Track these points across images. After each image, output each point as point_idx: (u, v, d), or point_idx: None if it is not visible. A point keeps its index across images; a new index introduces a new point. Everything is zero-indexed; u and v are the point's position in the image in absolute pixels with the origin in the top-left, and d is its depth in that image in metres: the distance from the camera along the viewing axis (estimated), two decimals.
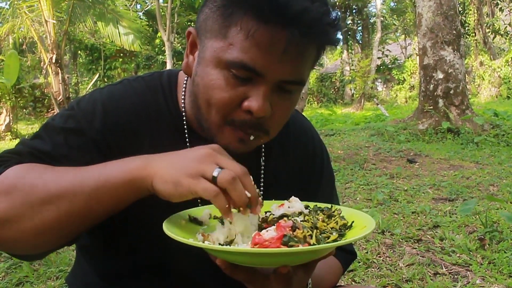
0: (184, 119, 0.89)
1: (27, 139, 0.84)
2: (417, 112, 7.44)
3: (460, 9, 16.64)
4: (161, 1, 16.31)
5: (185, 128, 0.89)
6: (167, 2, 14.49)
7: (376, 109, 14.34)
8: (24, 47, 14.87)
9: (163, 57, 20.52)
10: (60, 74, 10.33)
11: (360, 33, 26.32)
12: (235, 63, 0.74)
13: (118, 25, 11.75)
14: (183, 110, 0.89)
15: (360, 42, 26.16)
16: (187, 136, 0.89)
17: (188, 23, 19.15)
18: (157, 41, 21.77)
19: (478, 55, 17.91)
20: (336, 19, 0.75)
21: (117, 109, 0.85)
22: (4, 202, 0.71)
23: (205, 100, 0.79)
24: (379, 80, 21.84)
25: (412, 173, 4.70)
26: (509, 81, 16.97)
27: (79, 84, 23.15)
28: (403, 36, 26.93)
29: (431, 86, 7.11)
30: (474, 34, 17.98)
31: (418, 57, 8.11)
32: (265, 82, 0.75)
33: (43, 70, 12.56)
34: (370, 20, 26.12)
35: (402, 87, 20.90)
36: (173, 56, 15.20)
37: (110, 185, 0.71)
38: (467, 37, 17.94)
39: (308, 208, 0.80)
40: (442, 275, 2.28)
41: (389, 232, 2.89)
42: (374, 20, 24.91)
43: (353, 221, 0.75)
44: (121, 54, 17.18)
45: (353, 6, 24.34)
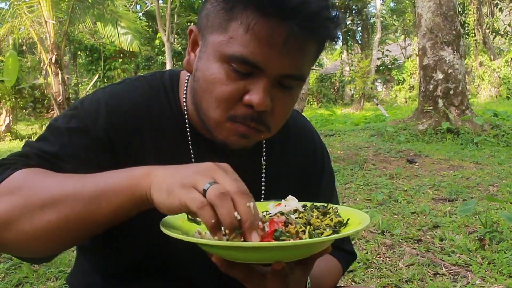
0: (186, 118, 0.89)
1: (33, 141, 0.84)
2: (416, 113, 7.44)
3: (460, 9, 16.66)
4: (160, 1, 16.32)
5: (187, 127, 0.89)
6: (166, 3, 14.49)
7: (376, 109, 14.35)
8: (24, 47, 14.85)
9: (162, 57, 20.53)
10: (60, 75, 10.34)
11: (360, 34, 26.34)
12: (235, 57, 0.74)
13: (117, 26, 11.76)
14: (185, 109, 0.89)
15: (359, 42, 26.17)
16: (189, 135, 0.89)
17: (188, 23, 19.14)
18: (157, 41, 21.79)
19: (478, 55, 17.92)
20: (336, 15, 0.76)
21: (120, 108, 0.85)
22: (7, 203, 0.71)
23: (206, 94, 0.79)
24: (379, 81, 21.86)
25: (412, 173, 4.70)
26: (509, 81, 16.99)
27: (79, 85, 23.16)
28: (403, 36, 26.93)
29: (431, 86, 7.12)
30: (473, 34, 17.99)
31: (417, 57, 8.11)
32: (265, 76, 0.76)
33: (43, 71, 12.56)
34: (370, 21, 26.14)
35: (402, 88, 20.90)
36: (172, 57, 15.19)
37: (109, 191, 0.70)
38: (467, 37, 17.95)
39: (306, 206, 0.80)
40: (442, 276, 2.28)
41: (389, 232, 2.89)
42: (373, 21, 24.93)
43: (348, 219, 0.74)
44: (121, 55, 17.18)
45: (353, 7, 24.34)
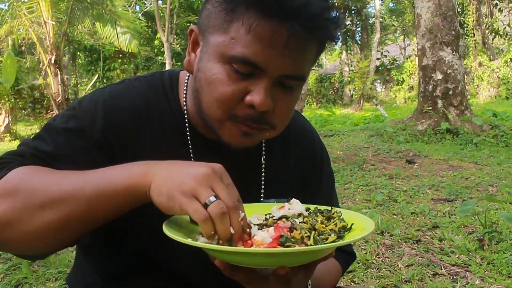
0: (186, 117, 0.89)
1: (29, 139, 0.84)
2: (416, 113, 7.44)
3: (459, 9, 16.67)
4: (160, 2, 16.33)
5: (187, 126, 0.89)
6: (166, 3, 14.49)
7: (375, 109, 14.35)
8: (23, 48, 14.86)
9: (162, 58, 20.53)
10: (59, 75, 10.34)
11: (359, 34, 26.33)
12: (237, 57, 0.75)
13: (116, 26, 11.76)
14: (185, 109, 0.89)
15: (359, 43, 26.17)
16: (188, 135, 0.89)
17: (187, 24, 19.13)
18: (156, 42, 21.78)
19: (477, 55, 17.93)
20: (336, 16, 0.77)
21: (119, 108, 0.85)
22: (6, 204, 0.71)
23: (207, 95, 0.79)
24: (378, 81, 21.87)
25: (411, 173, 4.70)
26: (508, 81, 17.00)
27: (78, 85, 23.14)
28: (402, 37, 26.95)
29: (430, 86, 7.12)
30: (473, 34, 17.99)
31: (417, 57, 8.12)
32: (266, 77, 0.76)
33: (42, 71, 12.57)
34: (369, 21, 26.15)
35: (401, 88, 20.90)
36: (172, 57, 15.18)
37: (109, 189, 0.71)
38: (466, 37, 17.95)
39: (309, 210, 0.80)
40: (441, 276, 2.28)
41: (388, 232, 2.89)
42: (373, 21, 24.95)
43: (352, 224, 0.75)
44: (120, 55, 17.18)
45: (352, 7, 24.34)
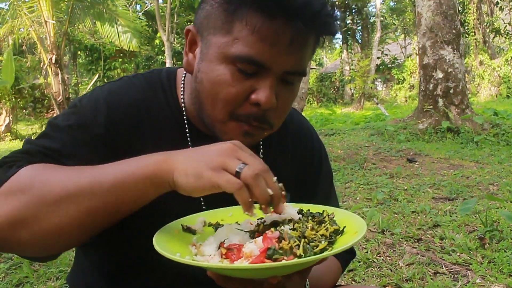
0: (184, 114, 0.90)
1: (33, 139, 0.83)
2: (417, 112, 7.44)
3: (460, 8, 16.64)
4: (160, 1, 16.32)
5: (186, 123, 0.89)
6: (166, 3, 14.49)
7: (376, 108, 14.35)
8: (24, 48, 14.85)
9: (162, 57, 20.52)
10: (60, 75, 10.34)
11: (360, 33, 26.31)
12: (241, 57, 0.75)
13: (116, 25, 11.76)
14: (183, 106, 0.90)
15: (359, 41, 26.15)
16: (187, 131, 0.89)
17: (188, 23, 19.09)
18: (157, 41, 21.78)
19: (478, 54, 17.91)
20: (334, 11, 0.79)
21: (119, 104, 0.85)
22: (18, 202, 0.69)
23: (211, 96, 0.79)
24: (379, 80, 21.85)
25: (412, 172, 4.70)
26: (509, 80, 16.98)
27: (79, 85, 23.14)
28: (403, 35, 26.92)
29: (431, 85, 7.11)
30: (473, 33, 17.98)
31: (417, 56, 8.11)
32: (271, 75, 0.77)
33: (43, 71, 12.55)
34: (370, 20, 26.12)
35: (402, 87, 20.89)
36: (172, 56, 15.19)
37: (129, 180, 0.70)
38: (467, 36, 17.93)
39: (302, 211, 0.79)
40: (442, 275, 2.28)
41: (389, 231, 2.89)
42: (373, 20, 24.91)
43: (344, 226, 0.73)
44: (121, 55, 17.18)
45: (353, 6, 24.34)
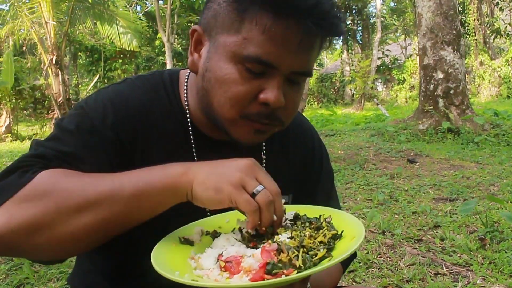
0: (188, 116, 0.90)
1: (43, 140, 0.82)
2: (417, 112, 7.44)
3: (460, 8, 16.65)
4: (160, 2, 16.33)
5: (189, 124, 0.90)
6: (166, 3, 14.50)
7: (376, 109, 14.34)
8: (24, 48, 14.86)
9: (163, 58, 20.53)
10: (60, 76, 10.35)
11: (360, 34, 26.32)
12: (251, 57, 0.75)
13: (117, 26, 11.77)
14: (186, 108, 0.90)
15: (360, 42, 26.15)
16: (191, 133, 0.90)
17: (188, 24, 19.14)
18: (157, 42, 21.79)
19: (478, 54, 17.91)
20: (341, 12, 0.80)
21: (126, 105, 0.85)
22: (37, 208, 0.68)
23: (219, 95, 0.79)
24: (379, 80, 21.84)
25: (412, 173, 4.70)
26: (509, 80, 16.97)
27: (79, 86, 23.15)
28: (403, 36, 26.91)
29: (431, 86, 7.11)
30: (474, 34, 17.97)
31: (418, 57, 8.11)
32: (278, 74, 0.78)
33: (43, 72, 12.57)
34: (370, 20, 26.13)
35: (402, 87, 20.88)
36: (173, 57, 15.21)
37: (150, 190, 0.71)
38: (467, 37, 17.93)
39: (298, 216, 0.79)
40: (442, 275, 2.28)
41: (389, 232, 2.89)
42: (374, 20, 24.91)
43: (342, 231, 0.73)
44: (121, 55, 17.16)
45: (353, 7, 24.34)
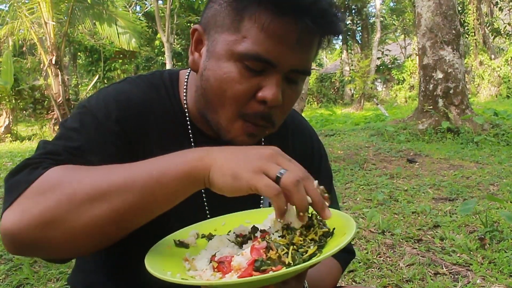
0: (187, 115, 0.91)
1: (49, 140, 0.82)
2: (417, 112, 7.44)
3: (460, 8, 16.65)
4: (160, 2, 16.34)
5: (188, 124, 0.91)
6: (166, 4, 14.50)
7: (376, 109, 14.34)
8: (24, 49, 14.88)
9: (162, 58, 20.55)
10: (60, 76, 10.35)
11: (360, 33, 26.31)
12: (249, 55, 0.76)
13: (116, 26, 11.78)
14: (185, 107, 0.91)
15: (359, 42, 26.15)
16: (190, 132, 0.90)
17: (188, 24, 19.16)
18: (157, 42, 21.80)
19: (478, 54, 17.91)
20: (339, 11, 0.80)
21: (128, 102, 0.86)
22: (49, 201, 0.67)
23: (218, 93, 0.79)
24: (379, 80, 21.84)
25: (412, 173, 4.70)
26: (509, 80, 16.98)
27: (79, 86, 23.15)
28: (403, 36, 26.93)
29: (431, 86, 7.11)
30: (473, 33, 17.98)
31: (417, 57, 8.11)
32: (277, 72, 0.78)
33: (43, 72, 12.56)
34: (370, 20, 26.13)
35: (402, 87, 20.89)
36: (172, 58, 15.20)
37: (165, 177, 0.67)
38: (467, 36, 17.94)
39: None
40: (442, 275, 2.28)
41: (389, 232, 2.89)
42: (373, 20, 24.93)
43: (334, 228, 0.72)
44: (121, 56, 17.17)
45: (353, 7, 24.33)
